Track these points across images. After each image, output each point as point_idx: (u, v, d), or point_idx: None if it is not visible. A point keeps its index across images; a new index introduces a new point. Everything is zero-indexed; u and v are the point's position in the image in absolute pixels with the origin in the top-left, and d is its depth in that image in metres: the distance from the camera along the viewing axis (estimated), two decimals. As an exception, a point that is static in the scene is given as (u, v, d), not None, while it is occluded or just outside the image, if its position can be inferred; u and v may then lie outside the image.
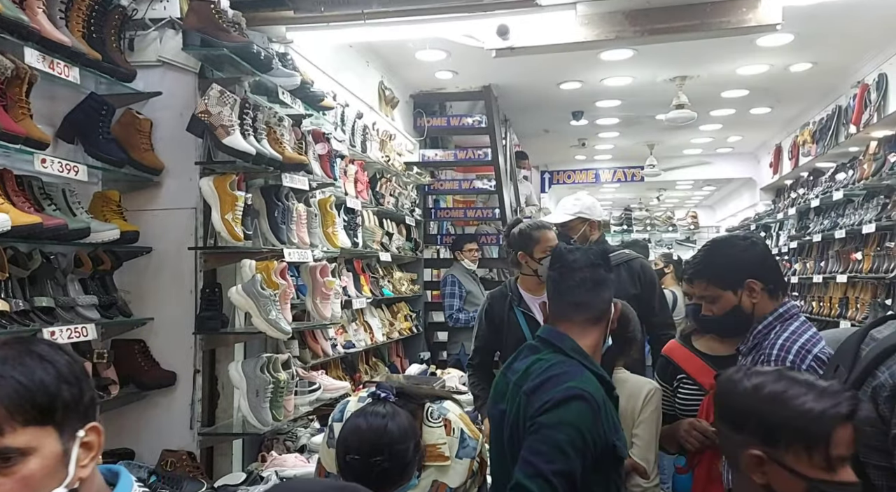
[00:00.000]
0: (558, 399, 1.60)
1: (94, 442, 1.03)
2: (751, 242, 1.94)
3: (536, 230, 2.91)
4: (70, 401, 0.99)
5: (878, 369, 1.36)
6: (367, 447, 1.61)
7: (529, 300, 2.92)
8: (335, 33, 3.39)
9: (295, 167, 3.06)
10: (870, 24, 4.37)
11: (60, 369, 0.99)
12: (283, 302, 2.91)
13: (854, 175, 5.65)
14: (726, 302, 1.89)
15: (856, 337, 1.53)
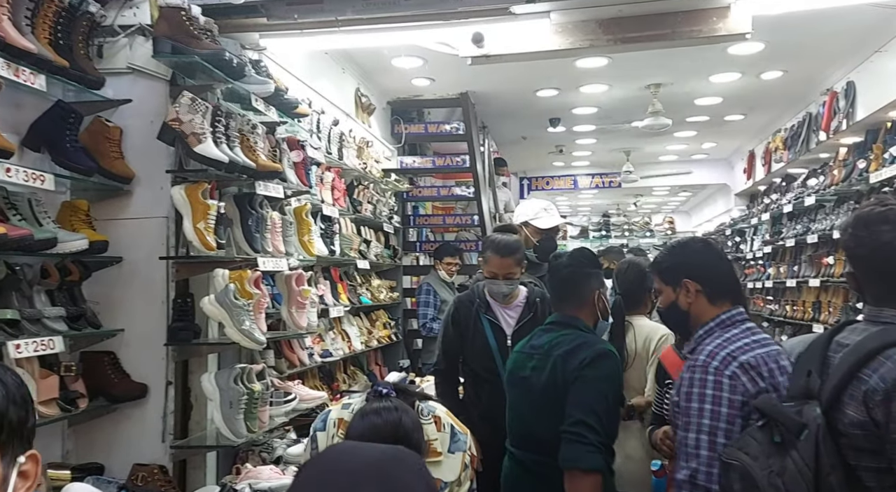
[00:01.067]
0: (594, 356, 2.14)
1: (31, 471, 0.97)
2: (704, 245, 2.03)
3: (490, 250, 2.84)
4: (16, 423, 0.94)
5: (863, 372, 1.38)
6: (388, 441, 1.62)
7: (496, 307, 2.89)
8: (309, 40, 3.37)
9: (269, 175, 3.03)
10: (838, 34, 4.46)
11: (10, 389, 0.95)
12: (258, 312, 2.87)
13: (825, 181, 5.74)
14: (666, 297, 1.98)
15: (820, 343, 1.56)
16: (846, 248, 1.55)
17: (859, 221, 1.50)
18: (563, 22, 3.38)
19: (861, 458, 1.37)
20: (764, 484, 1.45)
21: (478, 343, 2.83)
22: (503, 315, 2.86)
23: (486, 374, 2.81)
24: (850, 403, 1.38)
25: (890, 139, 4.62)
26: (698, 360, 1.78)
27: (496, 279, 2.82)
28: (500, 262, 2.80)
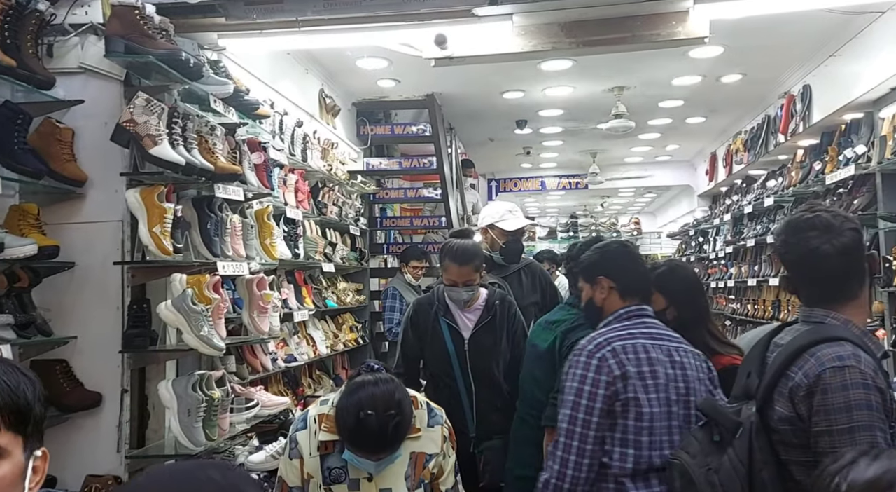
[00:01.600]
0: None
1: (41, 467, 1.06)
2: (621, 247, 2.18)
3: (448, 258, 2.81)
4: (39, 418, 1.05)
5: (790, 369, 1.44)
6: (382, 404, 1.79)
7: (455, 310, 2.86)
8: (270, 41, 3.32)
9: (228, 177, 2.98)
10: (794, 38, 4.57)
11: (37, 387, 1.05)
12: (217, 317, 2.82)
13: (783, 182, 5.87)
14: (585, 293, 2.14)
15: (761, 345, 1.62)
16: (778, 253, 1.62)
17: (789, 227, 1.56)
18: (525, 24, 3.39)
19: (791, 453, 1.42)
20: (701, 482, 1.50)
21: (436, 346, 2.81)
22: (462, 318, 2.84)
23: (445, 377, 2.81)
24: (779, 399, 1.44)
25: (844, 141, 4.74)
26: (580, 345, 1.90)
27: (456, 286, 2.80)
28: (459, 270, 2.78)
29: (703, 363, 1.91)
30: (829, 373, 1.38)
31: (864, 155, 4.36)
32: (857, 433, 1.33)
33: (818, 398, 1.37)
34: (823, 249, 1.48)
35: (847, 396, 1.35)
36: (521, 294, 3.37)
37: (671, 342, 1.89)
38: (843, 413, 1.35)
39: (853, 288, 1.52)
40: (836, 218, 1.51)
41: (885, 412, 1.36)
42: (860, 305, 1.53)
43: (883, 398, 1.36)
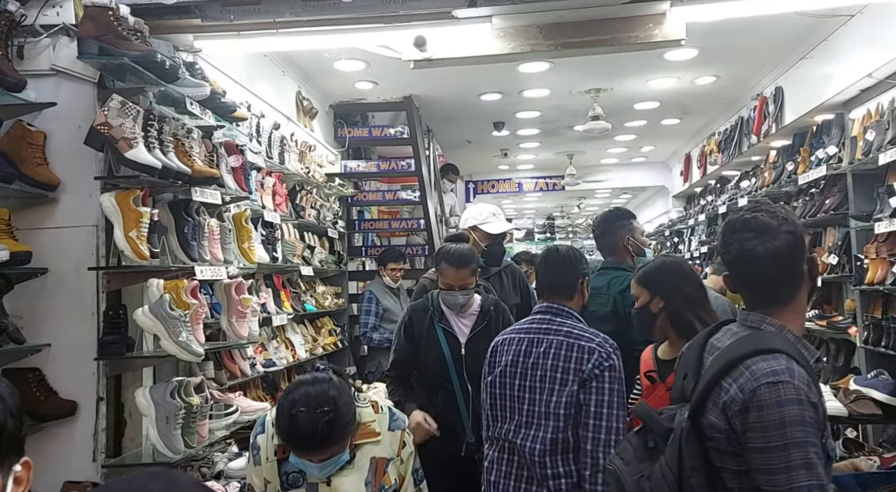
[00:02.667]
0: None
1: (23, 477, 1.03)
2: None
3: (445, 262, 2.77)
4: (12, 434, 0.99)
5: (725, 380, 1.41)
6: (313, 401, 1.78)
7: (450, 316, 2.82)
8: (247, 42, 3.28)
9: (206, 181, 2.94)
10: (766, 41, 4.64)
11: (6, 402, 0.99)
12: (195, 322, 2.78)
13: (756, 182, 5.96)
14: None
15: (697, 344, 1.58)
16: (719, 253, 1.59)
17: (727, 227, 1.53)
18: (504, 27, 3.40)
19: (724, 460, 1.41)
20: (631, 489, 1.50)
21: (432, 352, 2.77)
22: (457, 324, 2.81)
23: (442, 382, 2.76)
24: (713, 409, 1.41)
25: (816, 142, 4.83)
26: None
27: (452, 290, 2.76)
28: (457, 274, 2.74)
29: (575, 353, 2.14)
30: (763, 389, 1.36)
31: (835, 156, 4.45)
32: (791, 450, 1.32)
33: (753, 415, 1.35)
34: (757, 252, 1.46)
35: (781, 412, 1.34)
36: (503, 296, 3.37)
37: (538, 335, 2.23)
38: (778, 430, 1.33)
39: (788, 292, 1.49)
40: (773, 219, 1.47)
41: (820, 426, 1.35)
42: (796, 310, 1.50)
43: (816, 412, 1.35)
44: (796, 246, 1.47)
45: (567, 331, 2.20)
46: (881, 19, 3.76)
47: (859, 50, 4.01)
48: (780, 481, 1.31)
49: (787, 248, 1.46)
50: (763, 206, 1.54)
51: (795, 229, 1.48)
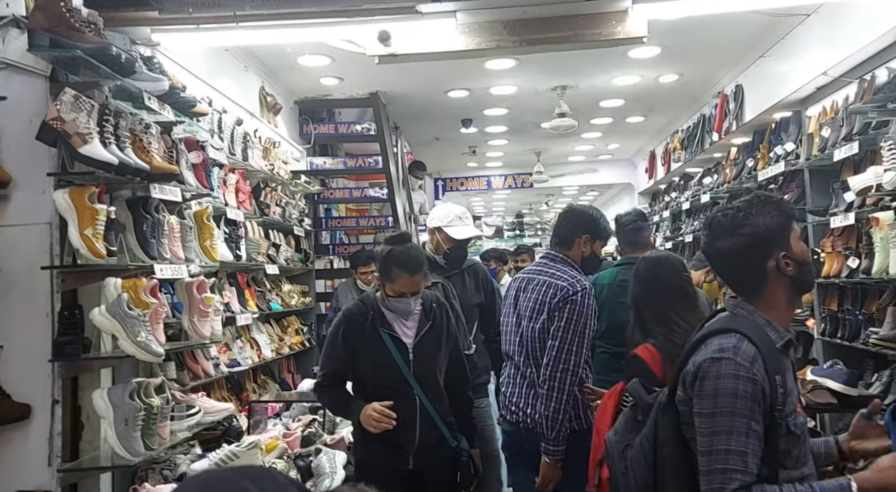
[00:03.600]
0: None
1: None
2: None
3: (397, 268, 2.54)
4: None
5: (691, 357, 1.57)
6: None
7: (393, 320, 2.61)
8: (207, 36, 3.22)
9: (165, 177, 2.87)
10: (727, 39, 4.73)
11: None
12: (155, 322, 2.71)
13: (718, 179, 6.08)
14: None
15: (696, 330, 1.71)
16: (702, 249, 1.71)
17: (704, 223, 1.68)
18: (469, 22, 3.40)
19: (690, 431, 1.55)
20: (615, 457, 1.72)
21: (379, 359, 2.56)
22: (401, 327, 2.62)
23: (388, 390, 2.56)
24: (680, 384, 1.57)
25: (774, 139, 4.94)
26: None
27: (404, 297, 2.56)
28: (411, 280, 2.54)
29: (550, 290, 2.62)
30: (707, 363, 1.51)
31: (792, 152, 4.55)
32: (717, 418, 1.47)
33: (697, 385, 1.51)
34: (723, 247, 1.59)
35: (717, 384, 1.48)
36: (466, 295, 3.32)
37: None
38: (710, 399, 1.48)
39: (753, 286, 1.59)
40: (735, 217, 1.57)
41: (757, 401, 1.46)
42: (769, 302, 1.58)
43: (754, 387, 1.46)
44: (751, 248, 1.56)
45: (552, 273, 2.70)
46: (835, 19, 3.85)
47: (815, 48, 4.10)
48: (704, 443, 1.48)
49: (739, 249, 1.57)
50: (732, 203, 1.63)
51: (755, 231, 1.56)
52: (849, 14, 3.70)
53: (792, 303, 1.63)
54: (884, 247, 3.17)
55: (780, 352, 1.55)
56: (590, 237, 2.78)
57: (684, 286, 2.44)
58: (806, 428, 1.56)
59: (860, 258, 3.56)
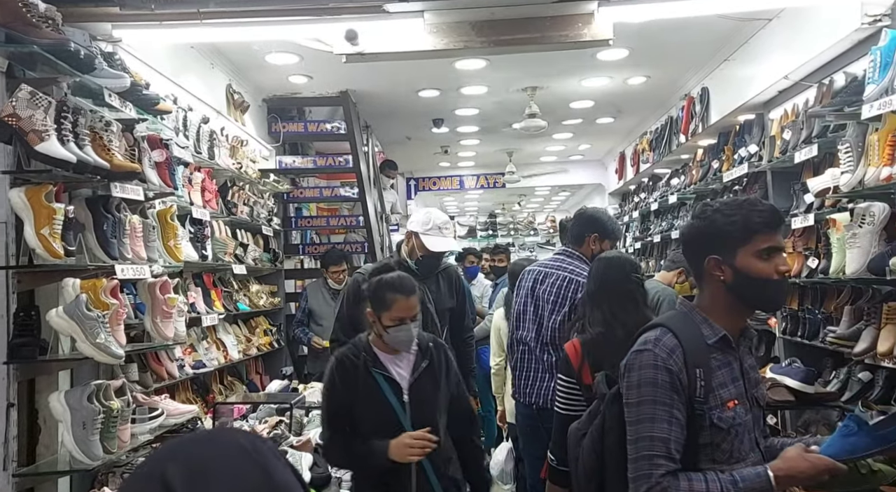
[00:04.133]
0: None
1: None
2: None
3: (392, 292, 2.36)
4: None
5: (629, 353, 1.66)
6: None
7: (387, 361, 2.40)
8: (170, 33, 3.17)
9: (126, 176, 2.83)
10: (692, 43, 4.80)
11: None
12: (115, 323, 2.67)
13: (685, 180, 6.17)
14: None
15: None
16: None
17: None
18: (437, 22, 3.40)
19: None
20: (573, 443, 1.86)
21: (372, 402, 2.34)
22: (394, 368, 2.39)
23: (389, 428, 2.31)
24: (619, 376, 1.67)
25: (739, 141, 5.02)
26: None
27: (404, 324, 2.34)
28: (408, 302, 2.35)
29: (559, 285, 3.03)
30: (633, 355, 1.61)
31: (756, 154, 4.63)
32: (641, 406, 1.55)
33: (625, 376, 1.61)
34: (683, 229, 1.74)
35: (640, 375, 1.57)
36: (439, 299, 3.31)
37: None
38: (635, 389, 1.57)
39: (698, 279, 1.68)
40: (705, 207, 1.65)
41: (676, 390, 1.53)
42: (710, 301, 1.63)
43: (671, 377, 1.53)
44: (695, 239, 1.65)
45: (571, 269, 3.05)
46: (796, 24, 3.94)
47: (777, 53, 4.19)
48: (632, 431, 1.56)
49: (686, 236, 1.69)
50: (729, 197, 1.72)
51: (705, 226, 1.62)
52: (808, 19, 3.78)
53: (735, 310, 1.63)
54: (840, 248, 3.25)
55: (712, 347, 1.59)
56: (598, 236, 3.10)
57: (631, 289, 2.48)
58: (741, 425, 1.59)
59: (819, 258, 3.64)
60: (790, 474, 1.49)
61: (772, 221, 1.56)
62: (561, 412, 2.44)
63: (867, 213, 3.04)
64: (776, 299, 1.64)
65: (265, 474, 0.68)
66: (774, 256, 1.56)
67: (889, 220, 3.01)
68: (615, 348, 2.24)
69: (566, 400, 2.46)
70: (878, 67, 2.90)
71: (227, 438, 0.72)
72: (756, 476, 1.48)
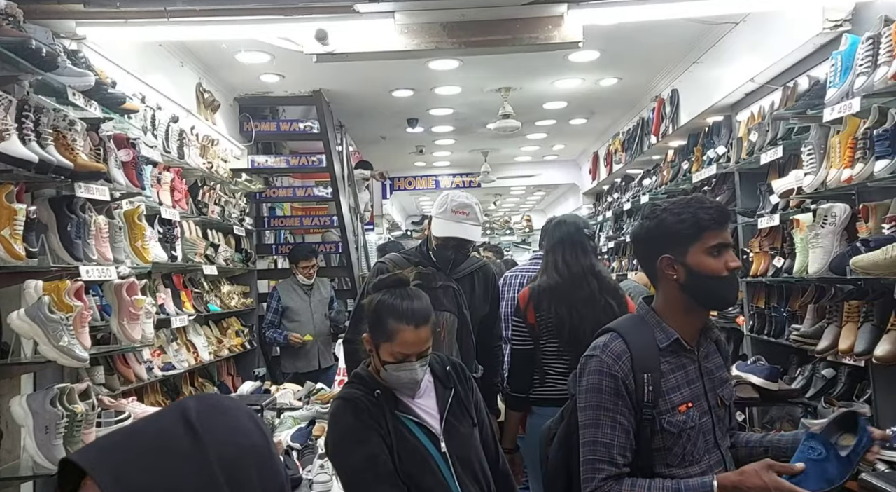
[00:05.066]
0: None
1: None
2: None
3: (396, 320, 1.81)
4: None
5: None
6: None
7: (409, 401, 1.89)
8: (136, 30, 3.12)
9: (91, 176, 2.78)
10: (662, 45, 4.86)
11: None
12: (79, 325, 2.62)
13: (657, 181, 6.24)
14: None
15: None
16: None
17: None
18: (407, 23, 3.40)
19: None
20: (544, 442, 1.87)
21: (410, 453, 1.82)
22: (420, 407, 1.90)
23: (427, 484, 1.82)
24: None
25: (708, 143, 5.10)
26: None
27: (408, 361, 1.82)
28: (417, 335, 1.81)
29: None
30: (584, 360, 1.64)
31: (724, 155, 4.71)
32: (587, 411, 1.59)
33: (578, 380, 1.64)
34: (634, 231, 1.73)
35: (588, 380, 1.60)
36: (473, 303, 2.79)
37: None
38: (584, 394, 1.61)
39: (652, 280, 1.69)
40: (655, 207, 1.66)
41: (621, 396, 1.55)
42: (666, 303, 1.65)
43: (615, 382, 1.56)
44: (647, 240, 1.66)
45: None
46: (762, 28, 4.01)
47: (743, 56, 4.26)
48: (582, 435, 1.60)
49: (638, 237, 1.70)
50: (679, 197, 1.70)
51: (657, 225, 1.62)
52: (773, 24, 3.86)
53: (690, 310, 1.63)
54: (804, 247, 3.32)
55: (664, 351, 1.59)
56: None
57: (581, 240, 2.82)
58: (693, 428, 1.59)
59: (784, 258, 3.71)
60: (737, 487, 1.45)
61: (720, 218, 1.58)
62: (514, 347, 2.84)
63: (829, 213, 3.11)
64: (727, 296, 1.62)
65: (265, 438, 0.76)
66: (724, 252, 1.58)
67: (850, 220, 3.09)
68: (557, 292, 2.73)
69: (515, 336, 2.83)
70: (839, 71, 2.96)
71: (240, 403, 0.81)
72: (700, 486, 1.48)
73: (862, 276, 2.76)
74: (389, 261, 2.82)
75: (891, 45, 2.66)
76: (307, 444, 3.37)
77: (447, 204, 2.72)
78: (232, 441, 0.73)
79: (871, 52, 2.76)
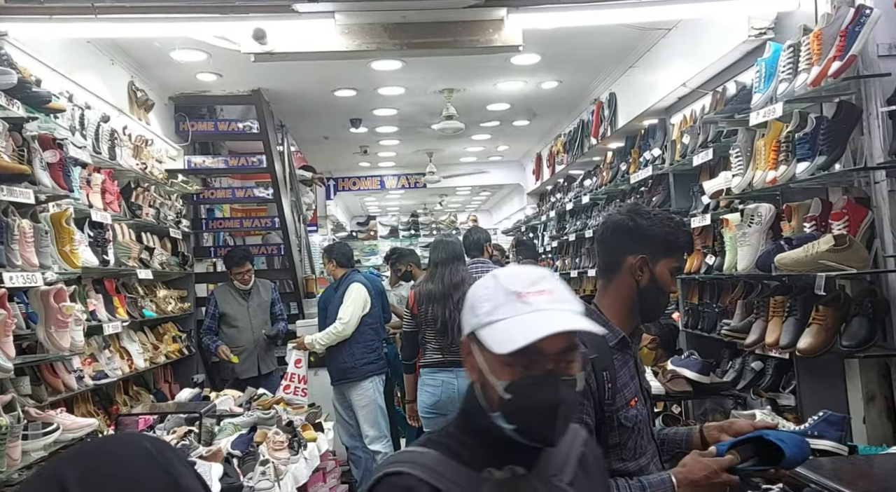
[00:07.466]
0: None
1: None
2: None
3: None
4: None
5: None
6: None
7: None
8: (62, 27, 3.00)
9: (13, 178, 2.66)
10: (600, 49, 4.98)
11: None
12: (3, 335, 2.51)
13: (597, 181, 6.39)
14: None
15: None
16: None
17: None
18: (348, 23, 3.38)
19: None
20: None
21: None
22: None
23: None
24: None
25: (644, 145, 5.25)
26: None
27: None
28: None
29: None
30: None
31: (659, 157, 4.86)
32: None
33: None
34: (613, 219, 1.76)
35: None
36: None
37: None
38: None
39: (608, 272, 1.74)
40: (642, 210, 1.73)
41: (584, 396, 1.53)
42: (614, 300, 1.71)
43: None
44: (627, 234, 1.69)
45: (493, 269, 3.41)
46: (693, 34, 4.16)
47: (676, 61, 4.41)
48: None
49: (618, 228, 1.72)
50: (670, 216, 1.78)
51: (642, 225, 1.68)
52: (703, 30, 4.01)
53: (634, 313, 1.72)
54: (732, 245, 3.46)
55: (613, 349, 1.65)
56: (489, 243, 4.50)
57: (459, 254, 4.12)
58: (641, 420, 1.67)
59: (715, 256, 3.86)
60: (689, 478, 1.53)
61: (689, 247, 1.71)
62: (404, 330, 4.26)
63: (755, 213, 3.26)
64: (661, 312, 1.80)
65: (170, 479, 0.68)
66: (675, 276, 1.73)
67: (775, 220, 3.24)
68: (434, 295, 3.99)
69: (405, 323, 4.22)
70: (763, 77, 3.10)
71: (133, 441, 0.72)
72: (661, 483, 1.54)
73: (786, 272, 2.90)
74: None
75: (810, 54, 2.80)
76: (248, 451, 3.32)
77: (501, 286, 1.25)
78: None
79: (793, 59, 2.90)
